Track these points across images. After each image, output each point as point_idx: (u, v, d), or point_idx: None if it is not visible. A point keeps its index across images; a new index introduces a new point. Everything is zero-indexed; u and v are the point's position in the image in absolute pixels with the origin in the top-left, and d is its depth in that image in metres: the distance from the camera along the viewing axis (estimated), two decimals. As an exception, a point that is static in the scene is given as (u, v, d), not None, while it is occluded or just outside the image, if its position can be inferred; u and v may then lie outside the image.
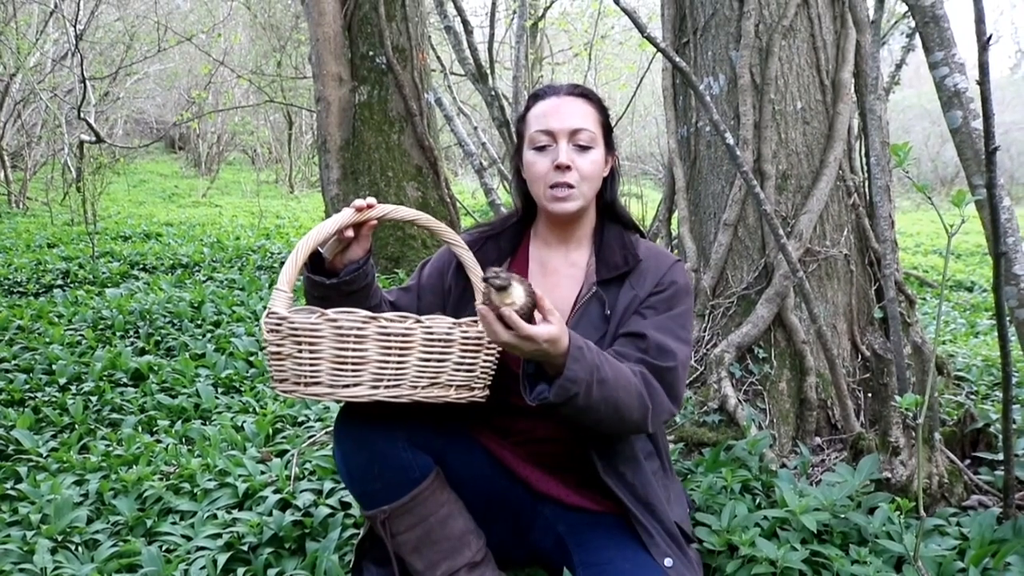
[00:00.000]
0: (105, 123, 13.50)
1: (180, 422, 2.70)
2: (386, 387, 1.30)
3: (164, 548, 1.80)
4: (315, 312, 1.28)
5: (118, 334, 3.75)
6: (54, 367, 3.17)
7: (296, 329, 1.27)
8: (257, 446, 2.44)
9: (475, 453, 1.55)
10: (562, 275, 1.55)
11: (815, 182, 2.32)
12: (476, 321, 1.38)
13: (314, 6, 5.05)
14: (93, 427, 2.67)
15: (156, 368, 3.20)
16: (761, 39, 2.33)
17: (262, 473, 2.14)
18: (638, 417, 1.34)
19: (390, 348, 1.29)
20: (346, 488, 1.73)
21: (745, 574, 1.52)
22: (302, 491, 1.99)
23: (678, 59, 2.11)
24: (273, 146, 16.36)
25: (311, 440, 2.44)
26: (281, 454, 2.37)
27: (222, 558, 1.70)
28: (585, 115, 1.48)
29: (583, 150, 1.46)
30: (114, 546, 1.78)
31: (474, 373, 1.38)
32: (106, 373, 3.15)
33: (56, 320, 3.95)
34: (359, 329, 1.27)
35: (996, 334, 1.82)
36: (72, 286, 5.00)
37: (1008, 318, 1.70)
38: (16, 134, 11.30)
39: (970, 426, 2.04)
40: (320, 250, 1.43)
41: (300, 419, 2.70)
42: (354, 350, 1.28)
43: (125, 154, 12.18)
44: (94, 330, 3.78)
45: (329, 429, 2.50)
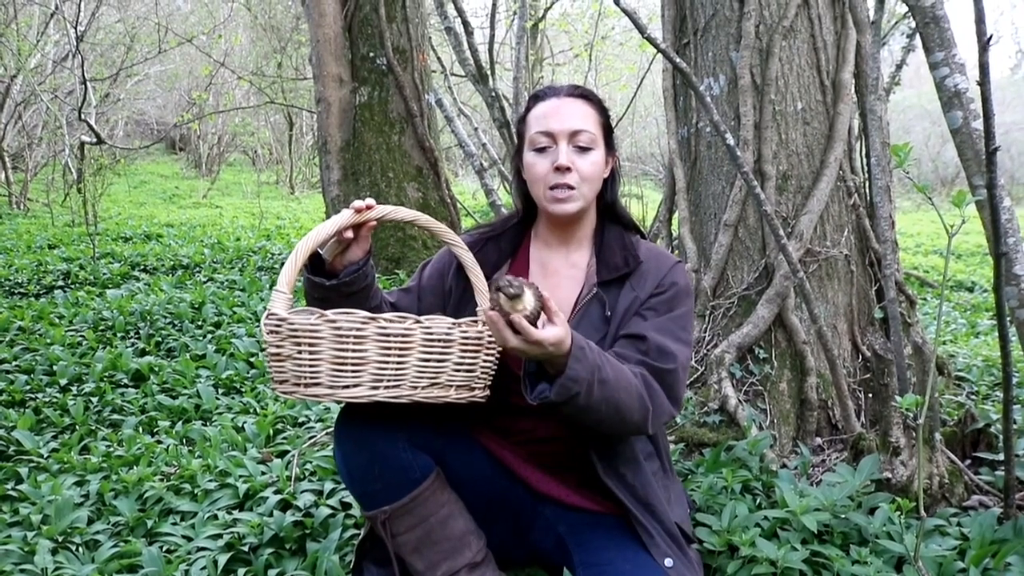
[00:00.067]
0: (106, 124, 13.51)
1: (181, 423, 2.71)
2: (386, 387, 1.30)
3: (165, 549, 1.80)
4: (314, 313, 1.28)
5: (119, 335, 3.75)
6: (55, 368, 3.17)
7: (295, 330, 1.27)
8: (258, 447, 2.44)
9: (475, 453, 1.55)
10: (563, 276, 1.55)
11: (815, 182, 2.32)
12: (476, 321, 1.38)
13: (314, 7, 5.05)
14: (94, 428, 2.68)
15: (157, 369, 3.21)
16: (761, 40, 2.33)
17: (263, 474, 2.14)
18: (638, 418, 1.34)
19: (389, 349, 1.29)
20: (346, 489, 1.73)
21: (745, 574, 1.52)
22: (303, 492, 1.99)
23: (678, 60, 2.11)
24: (274, 147, 16.37)
25: (312, 441, 2.44)
26: (282, 455, 2.37)
27: (223, 559, 1.70)
28: (585, 116, 1.48)
29: (583, 151, 1.46)
30: (115, 547, 1.79)
31: (474, 373, 1.38)
32: (107, 374, 3.15)
33: (57, 321, 3.95)
34: (358, 330, 1.27)
35: (996, 334, 1.81)
36: (73, 287, 5.00)
37: (1008, 318, 1.70)
38: (17, 135, 11.31)
39: (971, 426, 2.04)
40: (320, 251, 1.43)
41: (301, 420, 2.71)
42: (353, 351, 1.28)
43: (126, 155, 12.19)
44: (95, 331, 3.78)
45: (330, 430, 2.50)
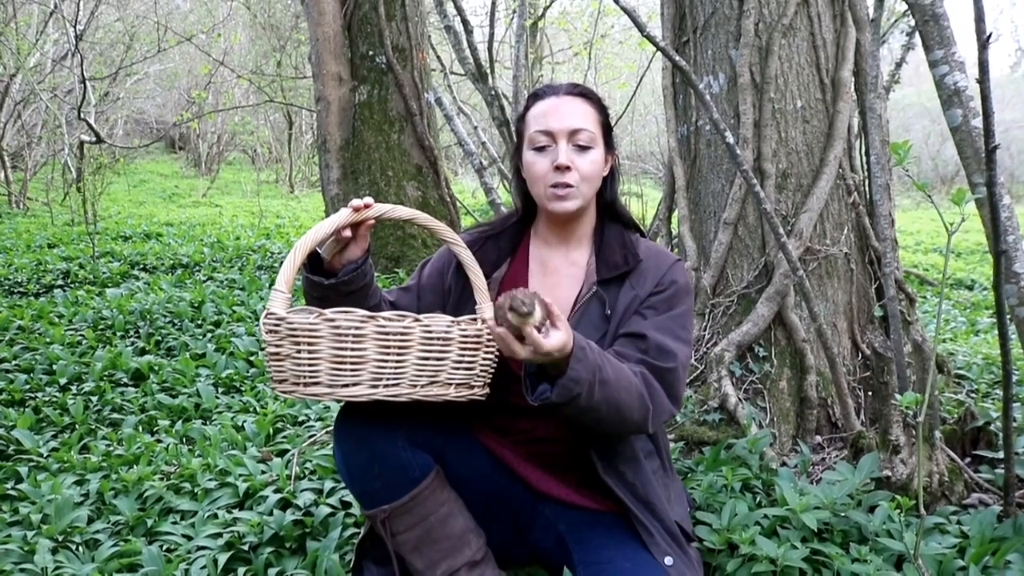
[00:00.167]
0: (105, 123, 13.50)
1: (181, 422, 2.71)
2: (385, 386, 1.30)
3: (165, 548, 1.80)
4: (313, 312, 1.27)
5: (118, 334, 3.75)
6: (55, 367, 3.17)
7: (294, 329, 1.27)
8: (257, 446, 2.44)
9: (475, 452, 1.55)
10: (562, 275, 1.55)
11: (815, 181, 2.31)
12: (475, 319, 1.38)
13: (314, 6, 5.05)
14: (94, 427, 2.68)
15: (156, 368, 3.21)
16: (761, 38, 2.33)
17: (263, 473, 2.14)
18: (639, 418, 1.34)
19: (389, 347, 1.29)
20: (346, 487, 1.73)
21: (745, 573, 1.52)
22: (302, 490, 1.99)
23: (678, 58, 2.11)
24: (273, 146, 16.37)
25: (311, 439, 2.44)
26: (281, 454, 2.37)
27: (223, 558, 1.70)
28: (584, 115, 1.48)
29: (582, 150, 1.46)
30: (115, 546, 1.79)
31: (473, 371, 1.38)
32: (106, 373, 3.15)
33: (56, 320, 3.95)
34: (357, 328, 1.27)
35: (996, 332, 1.82)
36: (72, 286, 5.00)
37: (1008, 316, 1.70)
38: (16, 134, 11.31)
39: (970, 424, 2.04)
40: (318, 250, 1.43)
41: (300, 419, 2.71)
42: (352, 350, 1.27)
43: (125, 154, 12.18)
44: (94, 330, 3.78)
45: (329, 428, 2.50)
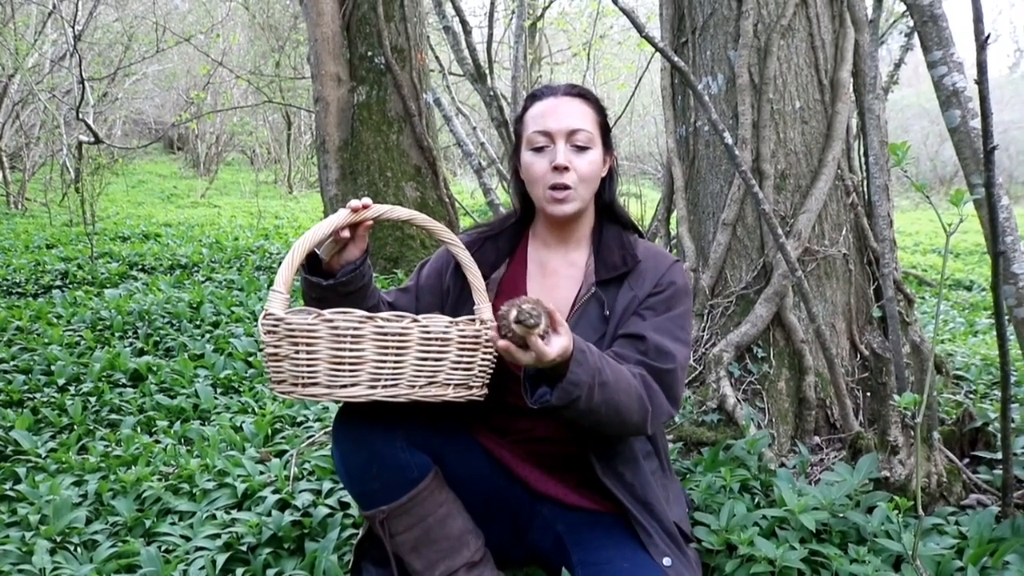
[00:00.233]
0: (104, 124, 13.50)
1: (179, 422, 2.70)
2: (384, 387, 1.30)
3: (163, 548, 1.80)
4: (311, 313, 1.27)
5: (117, 335, 3.75)
6: (53, 368, 3.17)
7: (293, 330, 1.27)
8: (256, 446, 2.44)
9: (473, 452, 1.55)
10: (561, 275, 1.55)
11: (814, 181, 2.32)
12: (473, 319, 1.38)
13: (312, 6, 5.05)
14: (92, 428, 2.67)
15: (155, 369, 3.20)
16: (759, 38, 2.33)
17: (261, 473, 2.13)
18: (638, 419, 1.34)
19: (387, 348, 1.29)
20: (345, 488, 1.73)
21: (744, 573, 1.52)
22: (301, 491, 1.99)
23: (676, 59, 2.10)
24: (272, 146, 16.37)
25: (310, 440, 2.44)
26: (280, 454, 2.37)
27: (221, 558, 1.70)
28: (583, 115, 1.48)
29: (581, 151, 1.46)
30: (113, 546, 1.78)
31: (472, 372, 1.38)
32: (105, 374, 3.15)
33: (55, 321, 3.94)
34: (355, 329, 1.27)
35: (995, 333, 1.82)
36: (71, 287, 4.99)
37: (1006, 317, 1.70)
38: (15, 135, 11.30)
39: (969, 425, 2.04)
40: (317, 251, 1.43)
41: (299, 419, 2.70)
42: (351, 350, 1.27)
43: (124, 155, 12.17)
44: (93, 331, 3.78)
45: (328, 429, 2.50)
